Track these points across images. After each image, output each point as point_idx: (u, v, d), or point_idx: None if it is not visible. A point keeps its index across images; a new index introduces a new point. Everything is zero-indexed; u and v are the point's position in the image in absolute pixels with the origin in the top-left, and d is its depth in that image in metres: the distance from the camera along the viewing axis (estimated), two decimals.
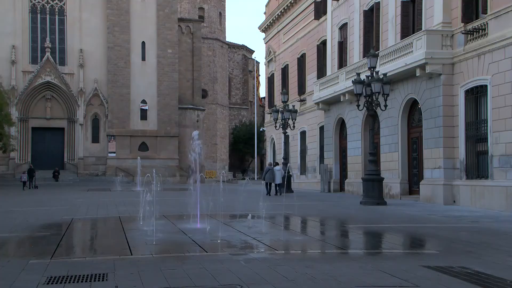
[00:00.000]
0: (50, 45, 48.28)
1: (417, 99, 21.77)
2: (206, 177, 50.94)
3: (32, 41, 48.83)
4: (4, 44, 47.51)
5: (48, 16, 49.29)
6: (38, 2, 49.11)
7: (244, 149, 71.63)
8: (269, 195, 26.54)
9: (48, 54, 48.06)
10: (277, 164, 29.45)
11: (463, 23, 19.28)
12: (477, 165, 18.88)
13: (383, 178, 21.04)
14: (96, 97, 49.88)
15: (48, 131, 48.86)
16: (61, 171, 47.13)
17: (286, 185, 26.91)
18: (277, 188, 27.26)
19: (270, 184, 27.32)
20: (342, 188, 29.62)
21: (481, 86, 18.54)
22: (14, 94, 46.78)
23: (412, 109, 22.92)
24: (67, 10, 49.48)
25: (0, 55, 47.38)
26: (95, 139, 49.85)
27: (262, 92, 59.25)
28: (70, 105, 49.05)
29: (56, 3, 49.50)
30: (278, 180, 27.21)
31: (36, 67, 48.09)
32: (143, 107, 50.58)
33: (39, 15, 49.12)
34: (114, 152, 49.43)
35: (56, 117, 49.01)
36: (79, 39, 49.41)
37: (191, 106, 53.90)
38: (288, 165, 31.53)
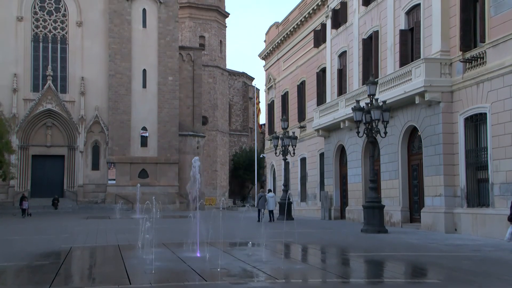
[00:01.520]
0: (51, 73, 48.64)
1: (416, 127, 21.83)
2: (206, 204, 50.73)
3: (33, 69, 49.21)
4: (6, 72, 47.87)
5: (50, 45, 49.78)
6: (41, 31, 49.67)
7: (244, 175, 71.49)
8: (259, 221, 26.78)
9: (49, 82, 48.38)
10: (270, 191, 29.70)
11: (461, 52, 19.47)
12: (478, 193, 18.82)
13: (383, 206, 20.95)
14: (97, 124, 50.02)
15: (48, 159, 48.84)
16: (61, 198, 46.94)
17: (286, 212, 26.90)
18: (271, 214, 27.70)
19: (262, 211, 27.78)
20: (343, 215, 29.46)
21: (481, 114, 18.60)
22: (15, 121, 46.91)
23: (412, 136, 22.95)
24: (69, 39, 50.01)
25: (1, 83, 47.67)
26: (95, 166, 49.80)
27: (262, 118, 59.48)
28: (70, 132, 49.17)
29: (59, 32, 50.06)
30: (271, 206, 27.63)
31: (37, 95, 48.36)
32: (143, 134, 50.69)
33: (41, 44, 49.62)
34: (114, 179, 49.31)
35: (56, 144, 49.05)
36: (81, 67, 49.82)
37: (192, 133, 54.02)
38: (289, 192, 31.46)
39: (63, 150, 49.29)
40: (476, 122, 19.00)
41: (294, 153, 31.33)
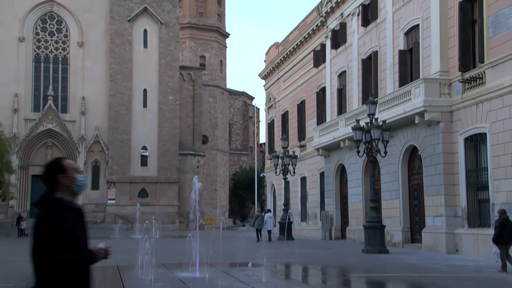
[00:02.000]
0: (52, 93, 48.78)
1: (416, 146, 21.84)
2: (206, 224, 50.47)
3: (34, 89, 49.38)
4: (7, 92, 48.02)
5: (51, 65, 50.05)
6: (42, 51, 49.98)
7: (244, 194, 71.29)
8: (258, 241, 26.92)
9: (50, 102, 48.50)
10: (269, 211, 29.81)
11: (460, 72, 19.57)
12: (479, 213, 18.74)
13: (384, 226, 20.85)
14: (97, 144, 50.03)
15: None
16: None
17: (286, 232, 26.81)
18: (269, 234, 27.90)
19: (260, 230, 27.96)
20: (343, 235, 29.29)
21: (481, 134, 18.63)
22: (15, 141, 46.89)
23: (412, 156, 22.95)
24: (70, 59, 50.29)
25: (2, 103, 47.79)
26: (95, 186, 49.68)
27: (262, 138, 59.53)
28: (70, 152, 49.15)
29: (60, 53, 50.37)
30: (269, 226, 27.80)
31: (38, 115, 48.46)
32: (143, 153, 50.67)
33: (42, 64, 49.89)
34: (114, 199, 49.14)
35: None
36: (82, 87, 50.01)
37: (192, 152, 54.02)
38: (289, 211, 31.35)
39: None
40: (476, 142, 19.01)
41: (294, 172, 31.30)
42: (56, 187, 3.73)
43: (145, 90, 51.44)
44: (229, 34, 71.10)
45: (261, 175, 53.59)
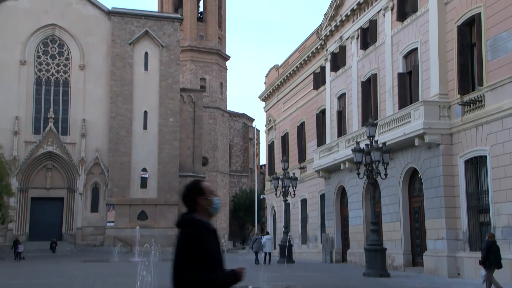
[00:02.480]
0: (53, 116, 48.89)
1: (417, 168, 21.80)
2: None
3: (35, 112, 49.51)
4: (8, 115, 48.14)
5: (52, 88, 50.25)
6: (43, 74, 50.25)
7: (244, 217, 70.91)
8: (257, 263, 26.92)
9: (51, 124, 48.58)
10: (267, 233, 29.81)
11: (459, 95, 19.64)
12: (480, 236, 18.59)
13: (385, 249, 20.70)
14: (97, 166, 49.96)
15: (48, 201, 48.54)
16: (59, 242, 46.41)
17: (287, 255, 26.62)
18: (267, 257, 27.95)
19: (259, 253, 28.18)
20: (344, 258, 29.05)
21: (481, 156, 18.61)
22: (15, 164, 46.78)
23: (413, 178, 22.89)
24: (71, 82, 50.52)
25: (3, 126, 47.86)
26: (94, 208, 49.46)
27: (262, 159, 59.47)
28: (70, 174, 49.07)
29: (61, 75, 50.65)
30: (268, 249, 27.90)
31: (39, 137, 48.49)
32: (143, 175, 50.58)
33: (43, 87, 50.11)
34: (113, 222, 48.86)
35: (56, 186, 48.86)
36: (82, 109, 50.16)
37: (192, 174, 53.91)
38: (289, 234, 31.16)
39: (62, 192, 49.07)
40: (476, 165, 18.98)
41: (294, 194, 31.18)
42: (195, 208, 3.89)
43: (145, 112, 51.59)
44: (229, 57, 71.61)
45: (261, 197, 53.41)
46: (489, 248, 14.06)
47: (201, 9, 69.98)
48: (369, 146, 20.39)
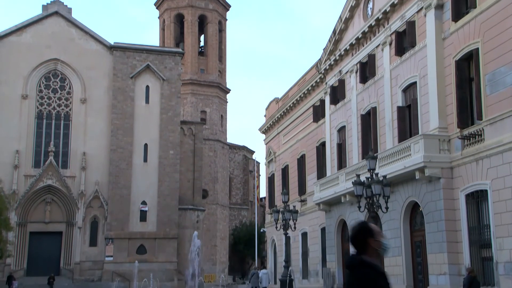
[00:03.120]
0: (53, 149, 48.85)
1: (418, 202, 21.68)
2: (205, 282, 49.42)
3: (36, 146, 49.51)
4: (8, 149, 48.13)
5: (53, 121, 50.38)
6: (45, 108, 50.49)
7: (244, 250, 70.17)
8: None
9: (51, 158, 48.53)
10: (264, 267, 29.61)
11: (459, 129, 19.70)
12: (483, 272, 18.37)
13: None
14: (96, 199, 49.71)
15: (46, 236, 48.09)
16: (57, 277, 45.69)
17: None
18: None
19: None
20: None
21: (481, 190, 18.54)
22: (14, 198, 46.51)
23: (414, 212, 22.74)
24: (72, 115, 50.68)
25: (3, 159, 47.79)
26: (93, 242, 48.96)
27: (263, 192, 59.23)
28: (69, 208, 48.78)
29: (63, 109, 50.88)
30: (265, 283, 27.75)
31: (39, 171, 48.37)
32: (143, 208, 50.28)
33: (44, 120, 50.25)
34: (111, 256, 48.28)
35: (54, 220, 48.49)
36: (83, 142, 50.22)
37: (191, 207, 53.62)
38: (290, 268, 30.77)
39: (61, 226, 48.67)
40: (477, 199, 18.88)
41: (295, 228, 30.89)
42: (365, 250, 3.87)
43: (146, 145, 51.66)
44: (229, 90, 72.16)
45: (261, 230, 52.97)
46: (471, 283, 13.89)
47: (202, 44, 70.90)
48: (370, 179, 20.33)
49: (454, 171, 19.88)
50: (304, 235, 35.57)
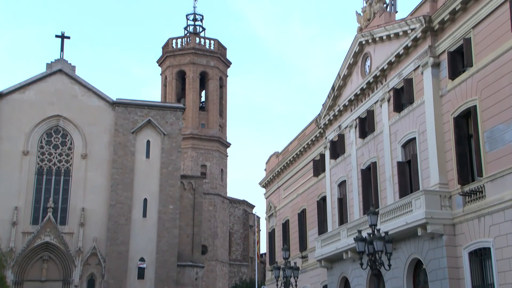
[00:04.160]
0: (52, 205, 48.43)
1: (421, 259, 21.34)
2: None
3: (35, 202, 49.12)
4: (7, 206, 47.73)
5: (53, 177, 50.25)
6: (45, 164, 50.46)
7: None
8: None
9: (49, 214, 48.05)
10: None
11: (460, 185, 19.63)
12: None
13: None
14: (94, 257, 48.88)
15: None
16: None
17: None
18: None
19: None
20: None
21: (485, 248, 18.27)
22: (11, 256, 45.80)
23: (417, 269, 22.34)
24: (73, 171, 50.56)
25: (2, 217, 47.26)
26: None
27: (263, 247, 58.38)
28: (66, 265, 47.87)
29: (63, 165, 50.87)
30: None
31: (37, 228, 47.79)
32: (141, 265, 49.37)
33: (44, 176, 50.12)
34: None
35: (51, 278, 47.47)
36: (82, 197, 49.91)
37: (190, 263, 52.71)
38: None
39: (57, 285, 47.59)
40: (481, 257, 18.59)
41: (296, 285, 30.22)
42: None
43: (145, 200, 51.35)
44: (230, 144, 72.52)
45: None
46: None
47: (203, 99, 71.93)
48: (371, 235, 20.08)
49: (457, 228, 19.66)
50: None
